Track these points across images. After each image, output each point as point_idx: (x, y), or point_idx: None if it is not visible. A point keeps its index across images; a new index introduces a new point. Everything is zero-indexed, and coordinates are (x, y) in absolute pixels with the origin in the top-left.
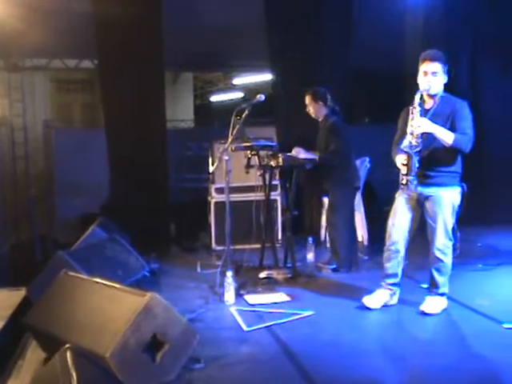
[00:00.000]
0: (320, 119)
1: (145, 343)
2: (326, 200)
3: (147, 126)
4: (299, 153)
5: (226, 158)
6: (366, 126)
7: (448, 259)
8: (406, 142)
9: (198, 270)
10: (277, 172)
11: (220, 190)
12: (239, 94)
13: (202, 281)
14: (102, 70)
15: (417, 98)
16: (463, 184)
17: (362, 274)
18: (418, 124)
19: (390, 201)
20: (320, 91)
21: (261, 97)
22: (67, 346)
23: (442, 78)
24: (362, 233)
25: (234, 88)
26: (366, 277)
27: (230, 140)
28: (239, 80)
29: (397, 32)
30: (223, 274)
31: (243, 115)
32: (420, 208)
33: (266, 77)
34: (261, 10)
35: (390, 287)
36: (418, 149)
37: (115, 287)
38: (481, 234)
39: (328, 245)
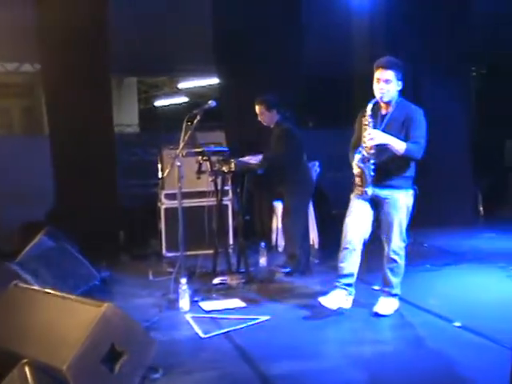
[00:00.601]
0: (272, 126)
1: (103, 354)
2: (276, 204)
3: (94, 131)
4: (251, 159)
5: (178, 163)
6: (310, 129)
7: (402, 261)
8: (358, 156)
9: (150, 277)
10: (229, 177)
11: (170, 196)
12: (184, 99)
13: (154, 288)
14: (45, 75)
15: (368, 108)
16: (415, 187)
17: (315, 277)
18: (370, 136)
19: (339, 204)
20: (271, 99)
21: (212, 103)
22: (25, 360)
23: (396, 85)
24: (312, 236)
25: (178, 92)
26: (319, 280)
27: (181, 146)
28: (184, 84)
29: (344, 36)
30: (177, 281)
31: (195, 121)
32: (375, 209)
33: (212, 81)
34: (207, 16)
35: (345, 287)
36: (371, 161)
37: (70, 298)
38: (427, 236)
39: (280, 249)
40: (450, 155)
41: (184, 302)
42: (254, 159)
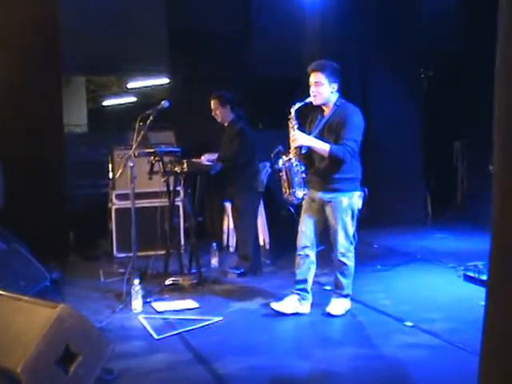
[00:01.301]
0: (226, 124)
1: (57, 355)
2: (227, 205)
3: (43, 131)
4: (207, 160)
5: (131, 164)
6: (260, 130)
7: (350, 262)
8: (280, 161)
9: (101, 278)
10: (181, 178)
11: (122, 197)
12: (132, 99)
13: (106, 289)
14: None
15: (293, 109)
16: (364, 188)
17: (266, 277)
18: (293, 138)
19: (288, 205)
20: (226, 95)
21: (165, 103)
22: None
23: (328, 88)
24: (263, 237)
25: (127, 92)
26: (270, 280)
27: (134, 146)
28: (134, 84)
29: (295, 37)
30: (129, 282)
31: (148, 121)
32: (323, 212)
33: (161, 81)
34: (158, 15)
35: (298, 292)
36: (295, 163)
37: (23, 299)
38: (378, 237)
39: (232, 249)
40: (400, 156)
41: (137, 303)
42: (206, 159)
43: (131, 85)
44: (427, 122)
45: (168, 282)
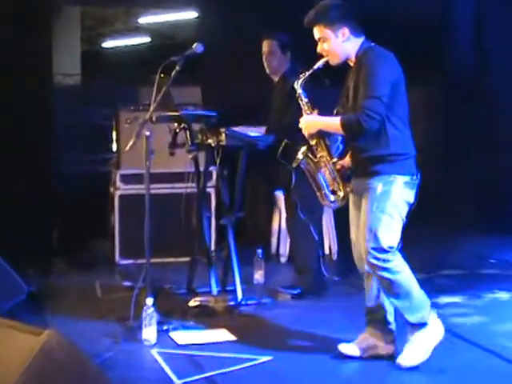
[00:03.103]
0: (277, 79)
1: None
2: (279, 196)
3: (22, 81)
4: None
5: (147, 133)
6: (326, 90)
7: (395, 275)
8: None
9: (98, 293)
10: (217, 154)
11: (129, 178)
12: (146, 39)
13: (105, 310)
14: None
15: (297, 85)
16: (415, 171)
17: (333, 301)
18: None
19: None
20: (288, 40)
21: (198, 47)
22: None
23: (336, 40)
24: (329, 243)
25: (138, 30)
26: (338, 305)
27: (152, 107)
28: (146, 19)
29: None
30: (139, 301)
31: (172, 73)
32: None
33: (188, 15)
34: None
35: (372, 325)
36: (309, 159)
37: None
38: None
39: (284, 259)
40: None
41: (149, 332)
42: (253, 130)
43: (144, 19)
44: None
45: (193, 303)
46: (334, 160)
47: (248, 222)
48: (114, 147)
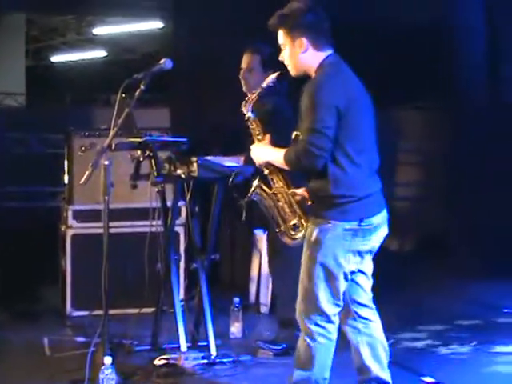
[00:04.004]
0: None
1: None
2: (259, 235)
3: None
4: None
5: (106, 162)
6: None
7: (315, 342)
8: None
9: (46, 351)
10: (187, 187)
11: (83, 215)
12: (101, 53)
13: (55, 370)
14: None
15: (245, 107)
16: (366, 214)
17: None
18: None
19: None
20: (269, 52)
21: (167, 63)
22: None
23: (294, 49)
24: None
25: (92, 42)
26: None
27: (112, 133)
28: (102, 29)
29: None
30: (95, 360)
31: (136, 93)
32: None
33: (151, 25)
34: None
35: None
36: (264, 193)
37: None
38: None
39: (265, 309)
40: None
41: None
42: (229, 160)
43: (99, 30)
44: None
45: (159, 361)
46: (292, 191)
47: (223, 265)
48: (66, 179)
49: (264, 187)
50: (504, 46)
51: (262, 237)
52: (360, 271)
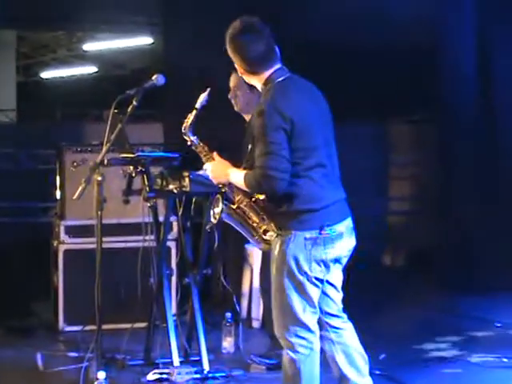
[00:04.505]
0: (247, 116)
1: None
2: (250, 250)
3: None
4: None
5: (100, 178)
6: None
7: (297, 355)
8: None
9: (40, 366)
10: (179, 202)
11: (75, 231)
12: (92, 69)
13: None
14: None
15: (184, 127)
16: (326, 223)
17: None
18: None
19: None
20: None
21: (159, 79)
22: None
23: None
24: None
25: (82, 58)
26: (325, 378)
27: (105, 149)
28: (93, 45)
29: None
30: (88, 375)
31: (128, 109)
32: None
33: (141, 41)
34: None
35: None
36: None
37: None
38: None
39: (258, 324)
40: None
41: None
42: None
43: (90, 46)
44: None
45: (152, 376)
46: (254, 198)
47: (215, 280)
48: (58, 194)
49: (229, 205)
50: (495, 62)
51: (253, 251)
52: (328, 282)
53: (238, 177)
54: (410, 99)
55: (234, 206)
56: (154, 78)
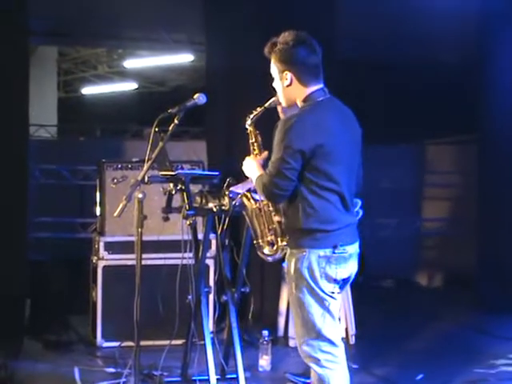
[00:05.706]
0: (282, 114)
1: None
2: (286, 267)
3: None
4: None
5: (140, 195)
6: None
7: (322, 369)
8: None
9: (77, 380)
10: (218, 221)
11: (114, 247)
12: (132, 85)
13: None
14: None
15: (248, 123)
16: (339, 242)
17: None
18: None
19: (384, 268)
20: None
21: (200, 98)
22: None
23: (280, 82)
24: (346, 325)
25: (122, 74)
26: None
27: (146, 167)
28: (133, 62)
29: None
30: None
31: (171, 127)
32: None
33: (181, 59)
34: None
35: None
36: (249, 202)
37: None
38: None
39: (292, 342)
40: None
41: None
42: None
43: (130, 63)
44: None
45: None
46: (274, 210)
47: (254, 299)
48: (98, 210)
49: (249, 197)
50: None
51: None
52: None
53: (255, 176)
54: (452, 119)
55: (255, 205)
56: (195, 96)
